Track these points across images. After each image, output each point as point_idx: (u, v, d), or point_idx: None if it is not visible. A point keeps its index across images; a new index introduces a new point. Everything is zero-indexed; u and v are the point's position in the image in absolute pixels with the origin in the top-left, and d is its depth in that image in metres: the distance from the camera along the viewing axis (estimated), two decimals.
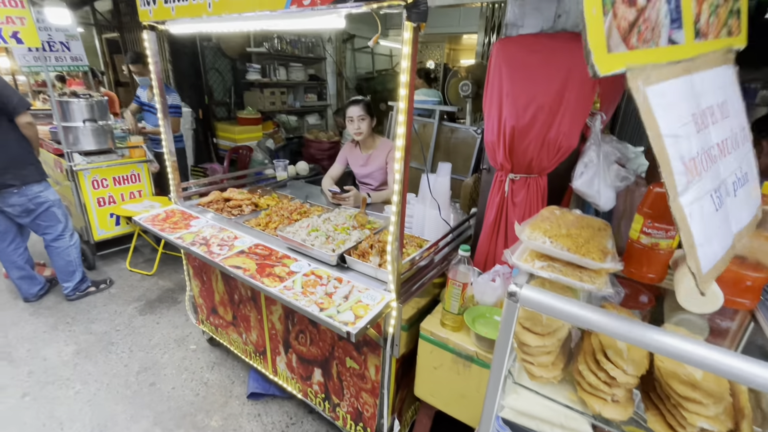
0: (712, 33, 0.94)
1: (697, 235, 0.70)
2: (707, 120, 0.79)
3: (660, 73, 0.73)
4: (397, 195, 1.22)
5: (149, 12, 1.79)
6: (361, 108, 2.33)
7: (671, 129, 0.70)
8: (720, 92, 0.87)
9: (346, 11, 1.17)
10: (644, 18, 0.76)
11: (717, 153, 0.80)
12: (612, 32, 0.70)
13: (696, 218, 0.71)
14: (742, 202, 0.84)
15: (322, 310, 1.29)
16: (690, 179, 0.72)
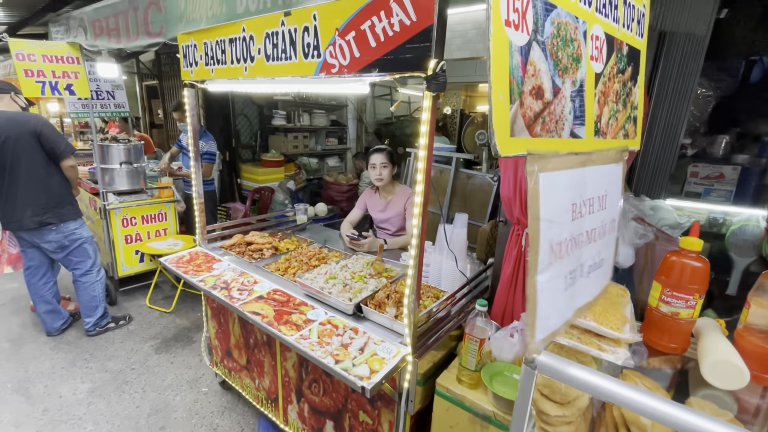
0: (611, 133, 1.06)
1: (542, 309, 0.76)
2: (585, 210, 0.86)
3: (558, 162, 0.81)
4: (414, 249, 1.25)
5: (191, 72, 1.97)
6: (384, 156, 2.43)
7: (549, 214, 0.76)
8: (604, 187, 0.96)
9: (371, 80, 1.27)
10: (549, 111, 0.84)
11: (584, 239, 0.88)
12: (517, 119, 0.77)
13: (545, 295, 0.77)
14: (592, 282, 0.90)
15: (337, 362, 1.29)
16: (552, 261, 0.78)
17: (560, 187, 0.80)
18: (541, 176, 0.76)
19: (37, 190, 2.65)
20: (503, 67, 0.73)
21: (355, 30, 1.24)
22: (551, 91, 0.83)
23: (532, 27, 0.77)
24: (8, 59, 8.18)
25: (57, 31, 3.50)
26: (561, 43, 0.83)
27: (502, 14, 0.70)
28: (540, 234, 0.74)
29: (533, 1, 0.77)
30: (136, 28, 2.66)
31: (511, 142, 0.75)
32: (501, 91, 0.72)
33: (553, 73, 0.83)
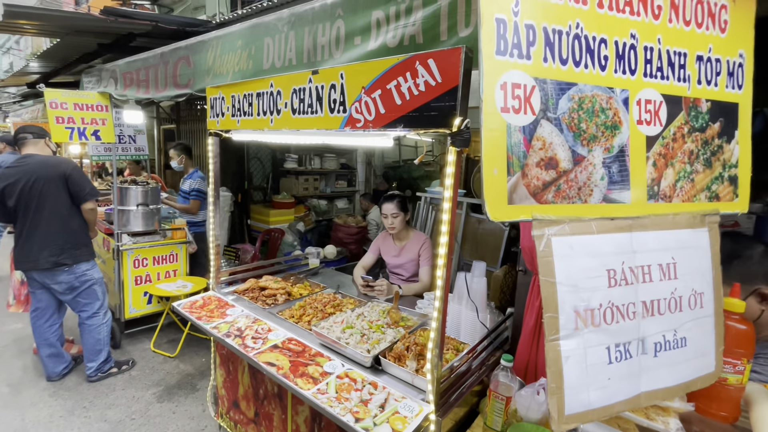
0: (680, 197, 1.00)
1: (569, 379, 0.73)
2: (636, 278, 0.81)
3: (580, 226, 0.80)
4: (438, 301, 1.23)
5: (217, 122, 2.06)
6: (396, 206, 2.46)
7: (570, 279, 0.75)
8: (670, 254, 0.89)
9: (395, 134, 1.32)
10: (568, 180, 0.86)
11: (640, 310, 0.81)
12: (518, 188, 0.80)
13: (573, 364, 0.73)
14: (665, 365, 0.81)
15: (357, 420, 1.23)
16: (580, 327, 0.74)
17: (584, 251, 0.79)
18: (554, 240, 0.77)
19: (56, 232, 2.69)
20: (499, 145, 0.78)
21: (381, 89, 1.30)
22: (569, 161, 0.86)
23: (540, 107, 0.82)
24: (37, 104, 8.64)
25: (89, 81, 3.71)
26: (585, 115, 0.87)
27: (497, 104, 0.77)
28: (558, 297, 0.73)
29: (541, 85, 0.82)
30: (165, 80, 2.82)
31: (507, 209, 0.79)
32: (496, 165, 0.78)
33: (573, 144, 0.86)
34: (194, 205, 3.91)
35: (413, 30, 1.47)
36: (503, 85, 0.77)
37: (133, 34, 3.65)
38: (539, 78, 0.81)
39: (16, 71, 5.88)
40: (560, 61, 0.84)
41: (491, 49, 0.76)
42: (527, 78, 0.79)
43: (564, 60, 0.84)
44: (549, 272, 0.74)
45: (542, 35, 0.81)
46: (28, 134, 2.74)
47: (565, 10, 0.82)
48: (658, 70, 0.97)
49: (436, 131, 1.19)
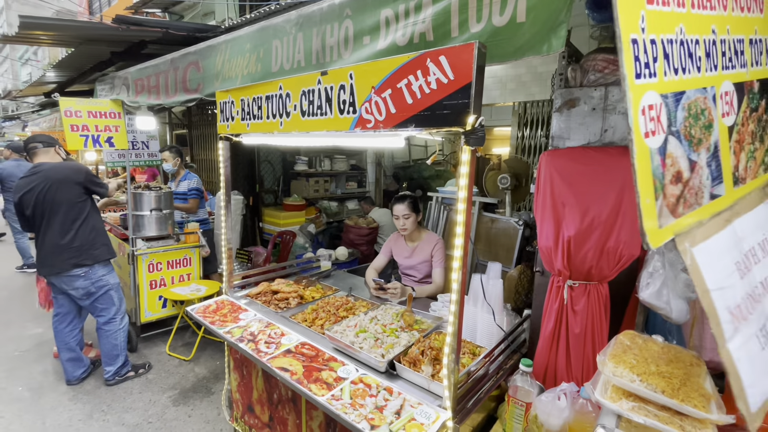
0: (750, 176, 1.03)
1: (746, 377, 0.70)
2: (750, 262, 0.83)
3: (704, 231, 0.79)
4: (455, 305, 1.19)
5: (227, 126, 2.06)
6: (407, 206, 2.42)
7: (717, 283, 0.74)
8: (760, 231, 0.92)
9: (406, 134, 1.29)
10: (689, 188, 0.85)
11: (761, 291, 0.83)
12: (662, 211, 0.78)
13: (744, 362, 0.72)
14: None
15: (373, 427, 1.20)
16: (737, 326, 0.73)
17: (717, 252, 0.80)
18: (694, 251, 0.75)
19: (72, 235, 2.75)
20: (647, 174, 0.75)
21: (392, 88, 1.28)
22: (688, 169, 0.85)
23: (666, 123, 0.79)
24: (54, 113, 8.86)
25: (102, 88, 3.78)
26: (693, 121, 0.86)
27: (641, 130, 0.73)
28: (715, 304, 0.72)
29: (665, 101, 0.79)
30: (175, 86, 2.84)
31: (659, 234, 0.76)
32: (647, 196, 0.75)
33: (689, 152, 0.85)
34: (194, 204, 4.00)
35: (423, 27, 1.44)
36: (643, 110, 0.74)
37: (144, 41, 3.70)
38: (663, 94, 0.79)
39: (33, 81, 6.04)
40: (673, 72, 0.81)
41: (632, 74, 0.71)
42: (657, 97, 0.77)
43: (676, 69, 0.83)
44: (701, 284, 0.74)
45: (661, 48, 0.78)
46: (38, 143, 2.80)
47: (671, 16, 0.80)
48: (729, 61, 0.98)
49: (448, 130, 1.16)
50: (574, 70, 1.52)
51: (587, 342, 1.44)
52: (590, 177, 1.39)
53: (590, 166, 1.40)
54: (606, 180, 1.35)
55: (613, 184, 1.34)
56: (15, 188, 2.68)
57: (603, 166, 1.37)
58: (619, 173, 1.33)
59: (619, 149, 1.39)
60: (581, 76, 1.51)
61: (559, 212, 1.43)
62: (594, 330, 1.42)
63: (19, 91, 7.56)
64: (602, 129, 1.48)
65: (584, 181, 1.39)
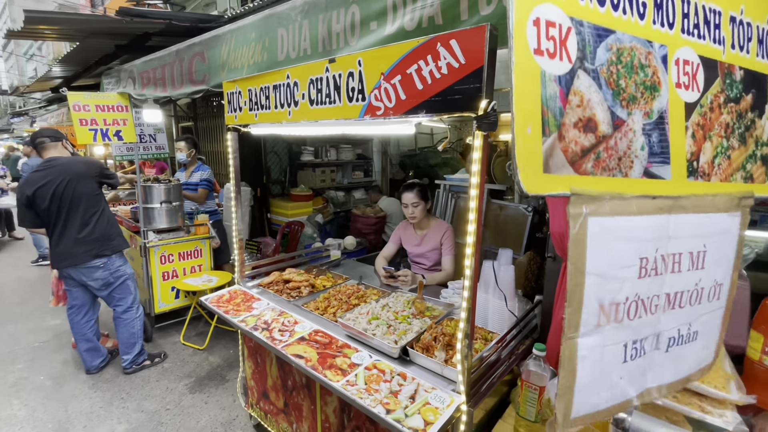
0: (719, 175, 0.90)
1: (582, 379, 0.64)
2: (665, 268, 0.72)
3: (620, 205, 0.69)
4: (468, 291, 1.20)
5: (235, 117, 2.06)
6: (415, 195, 2.42)
7: (600, 268, 0.65)
8: (703, 240, 0.80)
9: (417, 121, 1.28)
10: (607, 146, 0.74)
11: (663, 303, 0.72)
12: (554, 153, 0.68)
13: (588, 364, 0.65)
14: (672, 360, 0.74)
15: (388, 411, 1.22)
16: (602, 323, 0.66)
17: (621, 235, 0.69)
18: (590, 221, 0.65)
19: (91, 227, 2.80)
20: (532, 97, 0.66)
21: (401, 74, 1.26)
22: (609, 124, 0.76)
23: (577, 54, 0.71)
24: (61, 108, 8.91)
25: (109, 82, 3.79)
26: (624, 70, 0.78)
27: (529, 43, 0.65)
28: (585, 289, 0.64)
29: (577, 27, 0.71)
30: (181, 78, 2.84)
31: (544, 179, 0.67)
32: (529, 122, 0.65)
33: (612, 104, 0.76)
34: (202, 194, 4.04)
35: (431, 11, 1.42)
36: (536, 21, 0.64)
37: (148, 33, 3.68)
38: (575, 18, 0.69)
39: (40, 77, 6.06)
40: (597, 1, 0.72)
41: None
42: (562, 16, 0.67)
43: (603, 1, 0.73)
44: (579, 259, 0.65)
45: None
46: (45, 138, 2.82)
47: None
48: (695, 27, 0.87)
49: (460, 116, 1.14)
50: None
51: None
52: None
53: None
54: None
55: None
56: (27, 182, 2.70)
57: None
58: None
59: None
60: None
61: None
62: None
63: (26, 86, 7.61)
64: None
65: None
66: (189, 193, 4.05)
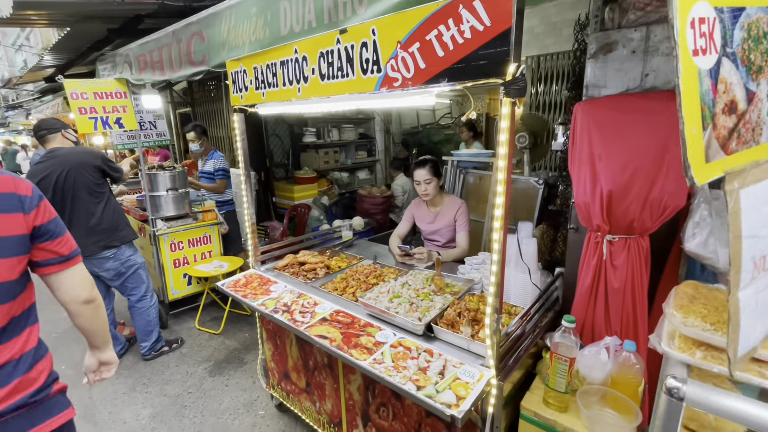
0: None
1: (745, 326, 0.69)
2: None
3: (758, 173, 0.73)
4: (496, 265, 1.17)
5: (241, 97, 1.99)
6: (428, 171, 2.37)
7: (752, 230, 0.70)
8: None
9: (438, 90, 1.22)
10: (744, 121, 0.77)
11: None
12: (711, 143, 0.71)
13: (748, 311, 0.70)
14: None
15: (419, 388, 1.22)
16: (755, 276, 0.70)
17: (764, 197, 0.74)
18: (741, 194, 0.70)
19: (98, 218, 2.78)
20: (694, 98, 0.68)
21: (420, 41, 1.19)
22: (745, 100, 0.77)
23: (720, 42, 0.71)
24: (56, 98, 8.75)
25: (104, 68, 3.68)
26: (753, 44, 0.77)
27: (689, 46, 0.65)
28: (742, 252, 0.69)
29: (719, 16, 0.70)
30: (179, 59, 2.74)
31: (706, 169, 0.70)
32: (693, 123, 0.68)
33: (746, 80, 0.77)
34: (221, 184, 3.96)
35: None
36: (692, 22, 0.66)
37: (140, 15, 3.55)
38: (717, 7, 0.70)
39: (32, 67, 5.92)
40: None
41: None
42: (709, 9, 0.68)
43: None
44: (736, 229, 0.70)
45: None
46: (44, 130, 2.75)
47: None
48: None
49: (486, 82, 1.09)
50: (612, 11, 1.40)
51: (626, 296, 1.42)
52: (631, 125, 1.31)
53: (630, 114, 1.32)
54: (648, 127, 1.28)
55: (656, 131, 1.27)
56: (30, 175, 2.67)
57: (645, 113, 1.29)
58: (662, 119, 1.26)
59: (663, 93, 1.30)
60: (619, 17, 1.40)
61: (597, 165, 1.37)
62: (634, 284, 1.40)
63: (18, 78, 7.45)
64: (643, 74, 1.38)
65: (624, 130, 1.32)
66: (206, 184, 3.98)
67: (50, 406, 1.07)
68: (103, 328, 1.26)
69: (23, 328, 1.03)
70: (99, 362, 1.33)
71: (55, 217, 1.04)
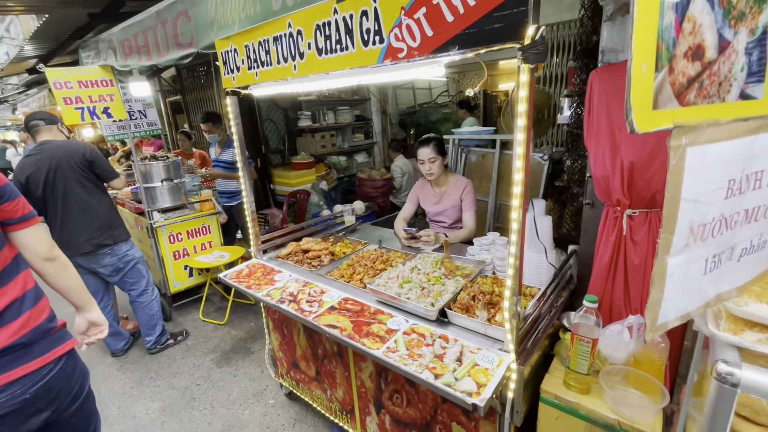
0: None
1: (669, 294, 0.68)
2: (748, 186, 0.74)
3: (716, 132, 0.68)
4: (515, 246, 1.11)
5: (233, 79, 1.88)
6: (432, 149, 2.28)
7: (695, 194, 0.66)
8: None
9: (448, 59, 1.13)
10: (711, 72, 0.70)
11: (741, 219, 0.76)
12: (663, 88, 0.66)
13: (676, 279, 0.68)
14: (744, 266, 0.79)
15: (437, 377, 1.17)
16: (688, 243, 0.68)
17: (714, 161, 0.68)
18: (688, 151, 0.65)
19: (91, 215, 2.69)
20: (650, 31, 0.62)
21: (426, 5, 1.09)
22: (716, 48, 0.69)
23: None
24: (41, 91, 8.50)
25: (87, 56, 3.52)
26: None
27: None
28: (678, 215, 0.66)
29: None
30: (166, 42, 2.61)
31: (652, 116, 0.65)
32: (644, 59, 0.63)
33: (721, 25, 0.68)
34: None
35: None
36: None
37: None
38: None
39: (12, 58, 5.70)
40: None
41: None
42: None
43: None
44: (676, 189, 0.67)
45: None
46: (40, 121, 2.63)
47: None
48: None
49: (502, 47, 0.99)
50: None
51: (647, 272, 1.36)
52: None
53: None
54: None
55: None
56: (19, 168, 2.56)
57: None
58: None
59: None
60: None
61: (617, 136, 1.29)
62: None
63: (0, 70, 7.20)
64: None
65: None
66: (226, 172, 3.87)
67: (59, 336, 1.25)
68: (76, 287, 1.37)
69: (17, 272, 1.16)
70: (88, 323, 1.44)
71: (6, 183, 1.14)
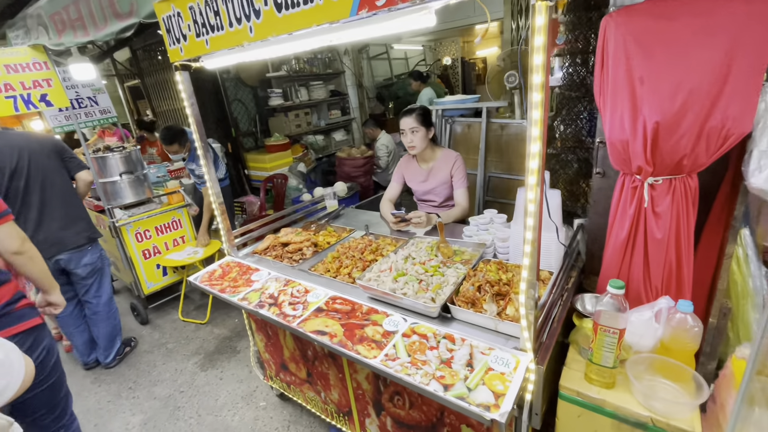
0: None
1: None
2: None
3: None
4: (531, 231, 0.92)
5: (180, 50, 1.59)
6: (414, 119, 2.05)
7: None
8: None
9: (438, 5, 0.90)
10: None
11: None
12: None
13: None
14: None
15: (447, 388, 1.01)
16: None
17: None
18: None
19: (76, 206, 2.46)
20: None
21: None
22: None
23: None
24: None
25: (16, 35, 3.08)
26: None
27: None
28: None
29: None
30: (102, 13, 2.24)
31: None
32: None
33: None
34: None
35: None
36: None
37: None
38: None
39: None
40: None
41: None
42: None
43: None
44: None
45: None
46: None
47: None
48: None
49: None
50: None
51: (670, 247, 1.21)
52: (681, 35, 1.03)
53: (680, 20, 1.03)
54: (706, 35, 1.00)
55: (715, 37, 0.99)
56: None
57: (701, 16, 1.01)
58: (725, 21, 0.98)
59: None
60: None
61: (638, 91, 1.10)
62: (679, 232, 1.19)
63: None
64: None
65: (674, 42, 1.04)
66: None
67: (18, 315, 1.38)
68: (43, 276, 1.57)
69: None
70: (47, 302, 1.63)
71: None
